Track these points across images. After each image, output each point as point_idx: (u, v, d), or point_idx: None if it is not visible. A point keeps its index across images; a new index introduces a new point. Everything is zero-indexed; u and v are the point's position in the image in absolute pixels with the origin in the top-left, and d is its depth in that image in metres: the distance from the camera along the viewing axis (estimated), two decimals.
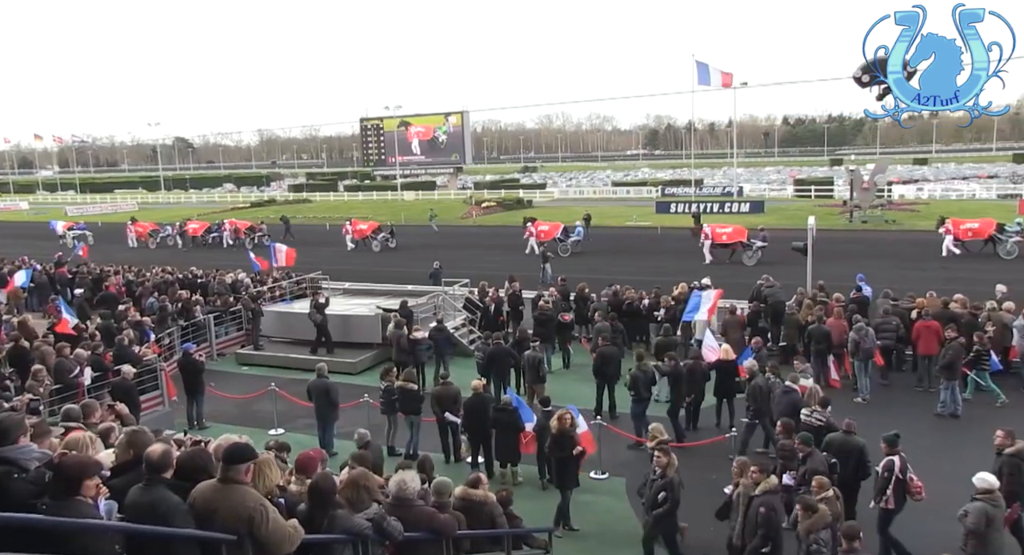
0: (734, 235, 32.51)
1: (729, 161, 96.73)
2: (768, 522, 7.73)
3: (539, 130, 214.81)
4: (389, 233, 41.23)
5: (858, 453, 9.43)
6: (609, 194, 74.90)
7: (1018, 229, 30.43)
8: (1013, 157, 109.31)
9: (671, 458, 8.76)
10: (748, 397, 12.38)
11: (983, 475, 8.03)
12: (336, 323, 19.04)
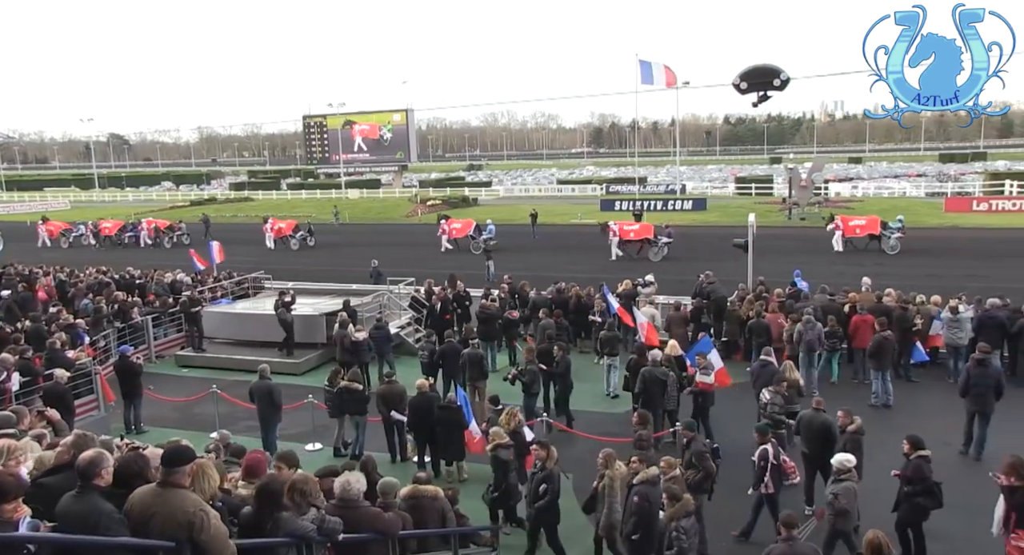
0: (641, 232, 33.46)
1: (672, 159, 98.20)
2: (641, 510, 7.97)
3: (484, 128, 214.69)
4: (308, 231, 41.34)
5: (827, 429, 9.95)
6: (554, 192, 75.33)
7: (900, 226, 32.20)
8: (939, 157, 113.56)
9: (550, 451, 8.98)
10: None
11: (842, 456, 8.61)
12: (274, 323, 18.73)
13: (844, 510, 8.34)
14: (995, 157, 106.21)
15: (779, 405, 11.21)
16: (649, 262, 30.53)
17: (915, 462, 8.74)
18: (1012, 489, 7.91)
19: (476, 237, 36.63)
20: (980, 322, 15.16)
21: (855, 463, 8.68)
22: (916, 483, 8.63)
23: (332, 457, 12.60)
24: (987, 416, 11.71)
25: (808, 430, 10.13)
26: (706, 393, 12.57)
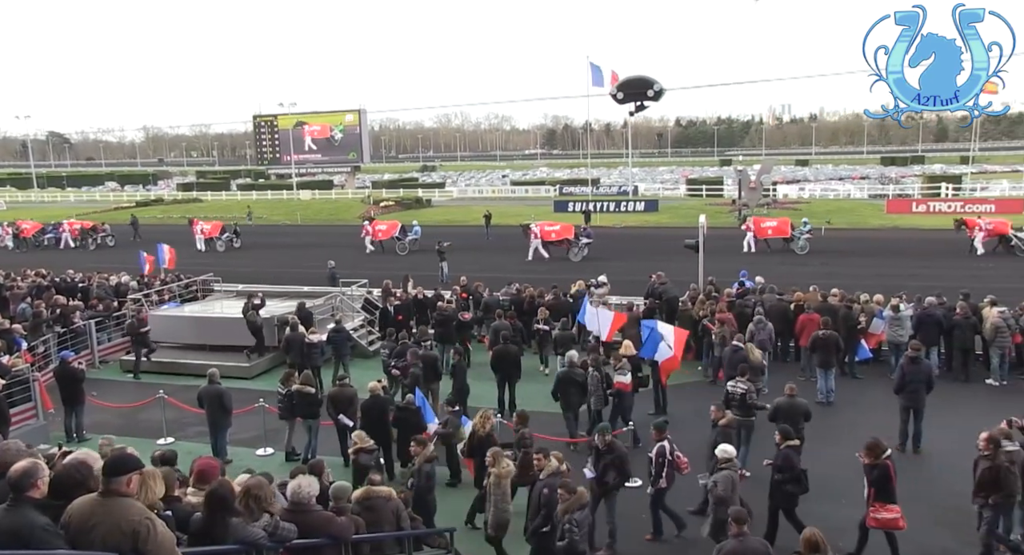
0: (562, 232, 33.89)
1: (625, 161, 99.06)
2: (549, 503, 8.15)
3: (438, 129, 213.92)
4: (233, 232, 41.06)
5: (803, 414, 10.81)
6: (508, 193, 75.36)
7: (808, 228, 33.38)
8: (881, 160, 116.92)
9: (425, 448, 9.19)
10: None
11: (724, 446, 9.00)
12: (230, 326, 18.40)
13: (722, 498, 8.61)
14: (932, 161, 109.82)
15: (754, 393, 11.67)
16: (600, 263, 30.68)
17: (784, 452, 9.25)
18: (871, 467, 8.75)
19: (401, 238, 36.86)
20: (919, 320, 15.63)
21: (735, 454, 9.04)
22: (785, 471, 9.10)
23: (284, 462, 12.43)
24: (920, 411, 12.10)
25: (786, 416, 10.71)
26: (623, 393, 12.65)
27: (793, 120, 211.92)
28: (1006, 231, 31.42)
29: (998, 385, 15.13)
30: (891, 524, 8.72)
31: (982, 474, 8.75)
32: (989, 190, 62.25)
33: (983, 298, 16.31)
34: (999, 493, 8.54)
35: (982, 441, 8.88)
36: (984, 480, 8.71)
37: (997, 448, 8.71)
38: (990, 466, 8.65)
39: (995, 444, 8.76)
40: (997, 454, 8.66)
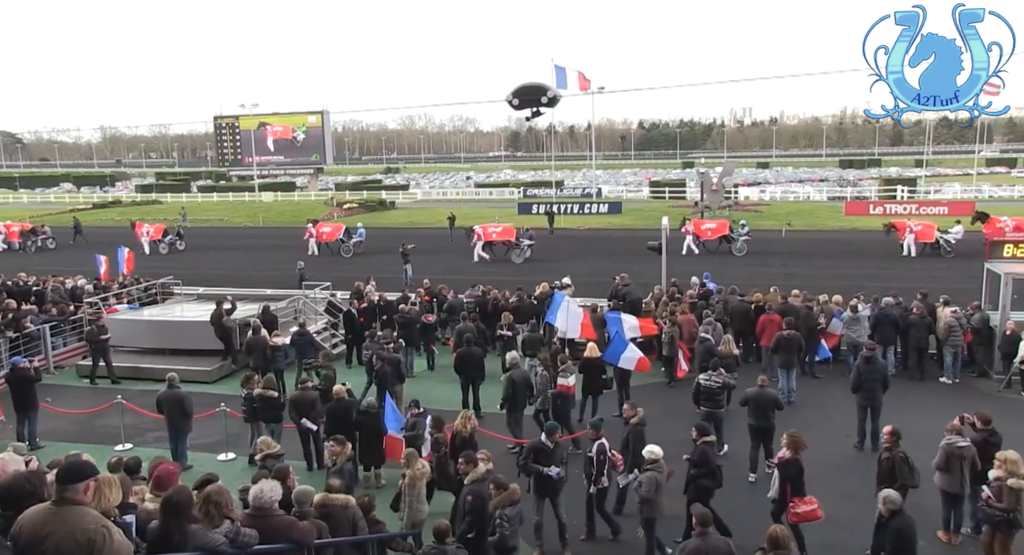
0: (503, 234, 34.09)
1: (589, 163, 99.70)
2: (474, 509, 8.20)
3: (402, 131, 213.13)
4: (176, 235, 40.68)
5: (773, 403, 11.36)
6: (472, 195, 75.37)
7: (746, 230, 33.93)
8: (839, 162, 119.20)
9: (344, 448, 9.29)
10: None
11: (651, 447, 9.06)
12: (193, 330, 18.10)
13: (647, 499, 8.75)
14: (888, 163, 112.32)
15: (732, 384, 12.37)
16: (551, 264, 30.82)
17: (700, 448, 9.42)
18: (786, 462, 9.01)
19: (345, 240, 36.91)
20: (876, 320, 15.95)
21: (662, 454, 9.10)
22: (701, 466, 9.29)
23: (247, 466, 12.26)
24: (877, 409, 12.34)
25: (756, 405, 11.25)
26: (565, 395, 12.67)
27: (754, 123, 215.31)
28: (931, 236, 32.39)
29: (951, 383, 15.50)
30: (811, 516, 8.94)
31: (881, 465, 9.14)
32: (942, 193, 63.91)
33: (938, 298, 16.71)
34: (895, 484, 8.81)
35: (885, 435, 9.24)
36: (882, 471, 9.08)
37: (898, 441, 9.13)
38: (888, 458, 9.03)
39: (896, 437, 9.18)
40: (895, 447, 9.05)
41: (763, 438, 11.36)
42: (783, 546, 6.90)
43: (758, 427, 11.34)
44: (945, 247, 31.97)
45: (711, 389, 11.95)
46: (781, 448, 9.37)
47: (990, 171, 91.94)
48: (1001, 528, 8.49)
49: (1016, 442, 10.48)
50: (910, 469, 8.93)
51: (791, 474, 9.01)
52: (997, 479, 8.54)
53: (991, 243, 17.82)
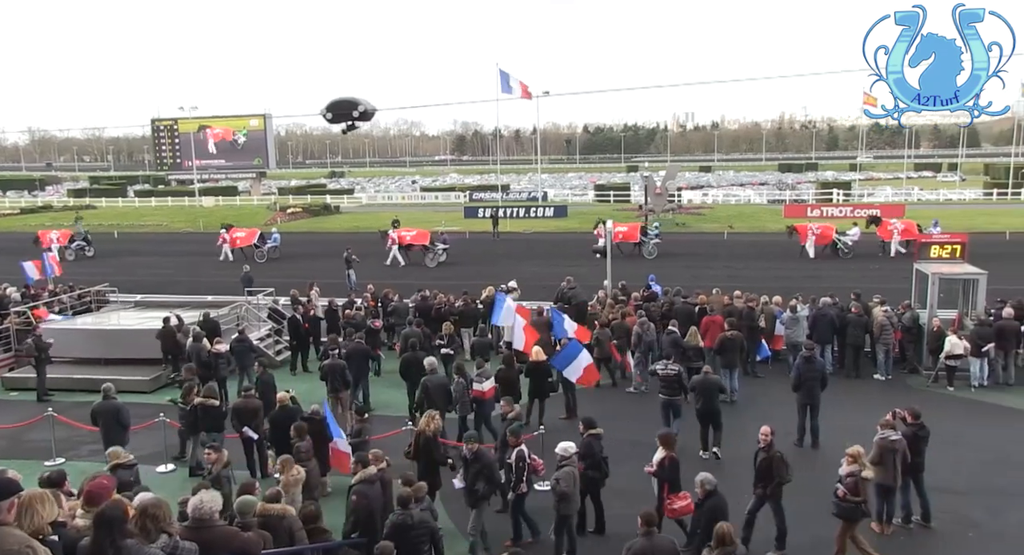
0: (418, 238, 34.21)
1: (534, 167, 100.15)
2: (357, 509, 8.31)
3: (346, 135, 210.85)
4: (84, 240, 39.74)
5: (717, 389, 12.41)
6: (418, 199, 75.08)
7: (657, 233, 34.60)
8: (779, 166, 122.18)
9: (220, 455, 9.27)
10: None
11: (564, 444, 9.23)
12: (130, 338, 17.58)
13: (564, 493, 8.88)
14: (825, 167, 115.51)
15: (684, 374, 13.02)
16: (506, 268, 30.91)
17: (587, 440, 9.71)
18: (662, 463, 9.30)
19: (260, 246, 36.68)
20: (815, 320, 16.38)
21: (575, 450, 9.27)
22: (587, 458, 9.54)
23: (188, 477, 11.97)
24: (816, 408, 12.66)
25: (702, 390, 12.14)
26: (482, 401, 12.70)
27: (696, 128, 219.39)
28: (830, 237, 33.49)
29: (884, 380, 16.01)
30: (687, 510, 9.20)
31: (759, 464, 9.36)
32: (875, 196, 66.08)
33: (872, 297, 17.25)
34: (772, 482, 9.17)
35: (762, 435, 9.45)
36: (760, 470, 9.32)
37: (773, 439, 9.39)
38: (766, 457, 9.27)
39: (773, 436, 9.43)
40: (772, 446, 9.29)
41: (711, 420, 12.23)
42: (729, 542, 7.03)
43: (705, 411, 12.21)
44: (842, 249, 33.16)
45: (668, 377, 12.67)
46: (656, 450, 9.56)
47: (918, 175, 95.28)
48: (856, 518, 8.93)
49: (942, 435, 10.94)
50: (786, 466, 9.25)
51: (668, 474, 9.28)
52: (850, 474, 8.89)
53: (920, 245, 18.43)
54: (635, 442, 12.62)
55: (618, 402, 15.28)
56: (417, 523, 7.72)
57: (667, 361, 13.11)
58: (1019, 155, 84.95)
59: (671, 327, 15.49)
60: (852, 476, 8.89)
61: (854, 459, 8.99)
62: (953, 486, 10.80)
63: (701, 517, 8.42)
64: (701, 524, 8.38)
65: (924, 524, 9.94)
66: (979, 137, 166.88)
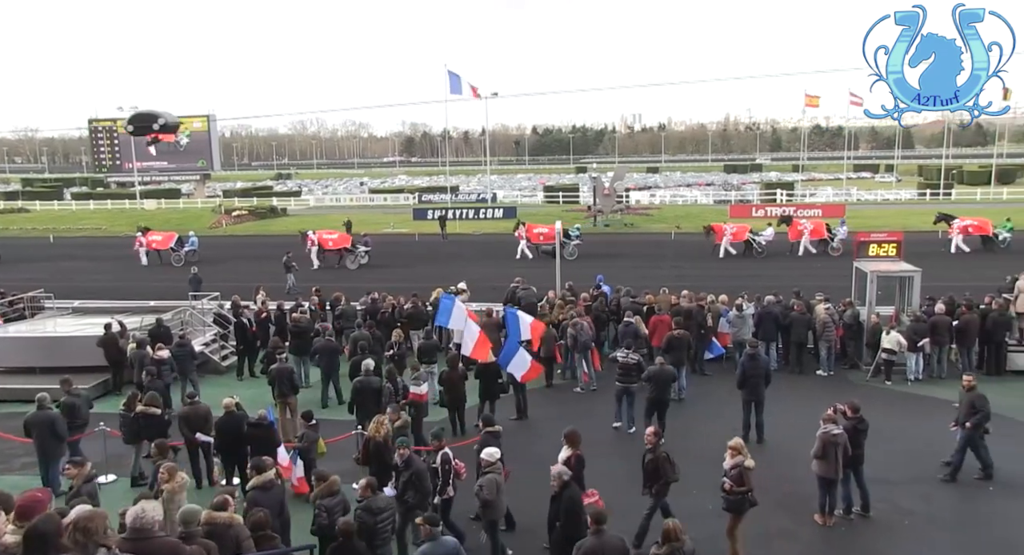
0: (339, 241, 34.05)
1: (483, 168, 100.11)
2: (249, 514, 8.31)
3: (293, 136, 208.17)
4: None
5: (672, 378, 13.09)
6: (367, 201, 74.47)
7: (578, 234, 34.87)
8: (724, 167, 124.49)
9: (83, 469, 8.95)
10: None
11: (489, 450, 9.26)
12: (67, 345, 17.03)
13: (487, 501, 8.89)
14: (768, 169, 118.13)
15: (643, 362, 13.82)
16: (455, 269, 30.85)
17: (484, 438, 9.93)
18: (567, 459, 9.36)
19: (177, 250, 36.30)
20: (760, 318, 16.73)
21: (499, 456, 9.29)
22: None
23: (129, 488, 11.66)
24: (761, 404, 12.93)
25: (657, 380, 12.73)
26: (418, 404, 12.72)
27: (644, 129, 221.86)
28: (744, 236, 34.38)
29: (826, 375, 16.43)
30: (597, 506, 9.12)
31: (647, 466, 9.43)
32: (817, 196, 67.77)
33: (814, 295, 17.67)
34: (659, 481, 9.30)
35: (648, 435, 9.57)
36: (648, 471, 9.41)
37: (659, 440, 9.48)
38: (652, 458, 9.36)
39: (658, 437, 9.54)
40: (658, 447, 9.38)
41: (660, 408, 12.88)
42: (676, 538, 7.12)
43: (657, 399, 12.85)
44: (756, 248, 34.07)
45: (627, 365, 13.40)
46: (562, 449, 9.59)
47: (857, 176, 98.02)
48: (742, 510, 9.06)
49: (881, 427, 11.29)
50: (671, 465, 9.36)
51: (575, 473, 9.22)
52: (735, 466, 9.02)
53: (859, 243, 18.94)
54: (584, 441, 12.74)
55: (567, 402, 15.39)
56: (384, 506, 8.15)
57: (627, 350, 13.85)
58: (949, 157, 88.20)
59: (627, 318, 16.00)
60: (736, 468, 9.02)
61: (736, 451, 9.11)
62: (890, 476, 11.14)
63: (559, 509, 8.45)
64: (560, 516, 8.41)
65: (864, 514, 10.24)
66: (913, 139, 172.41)
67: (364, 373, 12.73)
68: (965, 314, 16.15)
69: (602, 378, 15.86)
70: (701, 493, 10.29)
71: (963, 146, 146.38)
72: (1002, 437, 11.88)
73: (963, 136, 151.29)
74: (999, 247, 33.85)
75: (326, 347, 15.73)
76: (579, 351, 15.95)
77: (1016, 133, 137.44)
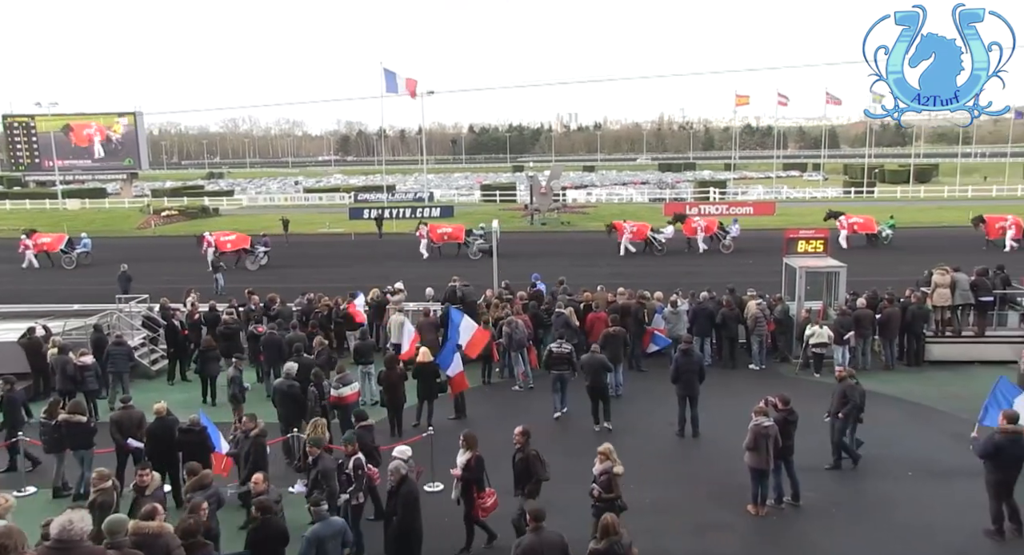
0: (237, 242, 33.43)
1: (420, 167, 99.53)
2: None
3: (225, 134, 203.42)
4: None
5: (602, 366, 13.40)
6: (302, 200, 73.28)
7: (483, 233, 34.82)
8: (659, 166, 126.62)
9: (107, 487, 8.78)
10: None
11: (400, 447, 9.20)
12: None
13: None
14: (701, 167, 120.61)
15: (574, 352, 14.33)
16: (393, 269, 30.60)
17: (359, 432, 10.10)
18: (466, 464, 9.32)
19: (68, 251, 35.15)
20: (694, 314, 17.04)
21: (410, 454, 9.16)
22: (362, 449, 9.82)
23: (52, 499, 11.22)
24: (695, 398, 13.17)
25: (589, 367, 13.34)
26: (341, 406, 12.63)
27: (580, 128, 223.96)
28: (645, 234, 35.16)
29: (758, 369, 16.85)
30: (495, 507, 9.44)
31: (517, 465, 9.33)
32: (748, 194, 69.53)
33: (746, 291, 18.10)
34: (531, 479, 9.18)
35: (516, 435, 9.42)
36: (519, 470, 9.30)
37: (527, 439, 9.38)
38: (523, 457, 9.29)
39: (526, 436, 9.39)
40: (527, 446, 9.30)
41: (599, 395, 13.39)
42: (614, 532, 7.20)
43: (593, 386, 13.36)
44: (656, 246, 34.88)
45: (560, 355, 13.97)
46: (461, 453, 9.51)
47: (787, 174, 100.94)
48: None
49: (810, 418, 11.66)
50: (542, 463, 9.29)
51: (475, 474, 9.29)
52: (604, 473, 8.83)
53: (787, 240, 19.47)
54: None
55: (505, 400, 15.43)
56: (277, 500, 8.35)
57: (561, 340, 14.38)
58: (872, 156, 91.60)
59: (559, 309, 16.54)
60: (605, 474, 8.85)
61: (605, 457, 8.94)
62: (819, 465, 11.50)
63: (396, 504, 8.44)
64: (397, 510, 8.42)
65: (794, 503, 10.55)
66: (838, 139, 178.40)
67: (285, 376, 12.52)
68: (887, 308, 16.78)
69: (540, 377, 15.96)
70: (639, 487, 10.45)
71: (884, 146, 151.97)
72: (921, 425, 12.40)
73: (884, 136, 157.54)
74: (882, 243, 35.39)
75: (270, 341, 15.58)
76: (515, 349, 16.02)
77: (931, 134, 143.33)
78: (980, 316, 17.38)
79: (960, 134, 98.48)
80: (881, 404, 13.87)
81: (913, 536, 9.76)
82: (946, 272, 17.39)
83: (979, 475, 9.74)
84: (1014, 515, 9.54)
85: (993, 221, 34.58)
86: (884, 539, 9.71)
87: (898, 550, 9.49)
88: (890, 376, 16.32)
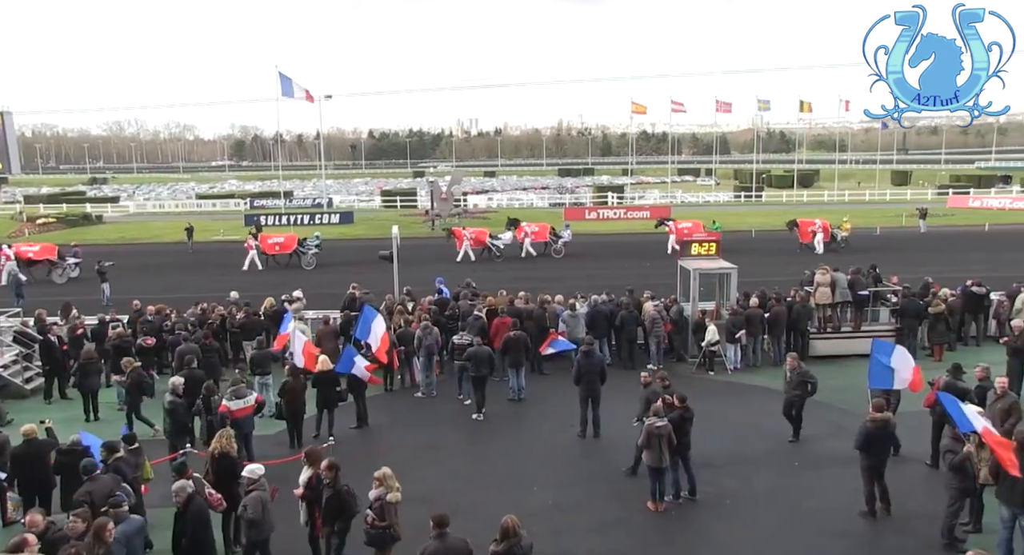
0: (42, 253, 31.27)
1: (318, 173, 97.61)
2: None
3: (108, 137, 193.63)
4: None
5: (488, 358, 14.48)
6: (194, 207, 70.55)
7: (317, 243, 34.63)
8: (559, 171, 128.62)
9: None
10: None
11: (252, 467, 8.89)
12: None
13: (253, 520, 8.46)
14: (600, 172, 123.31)
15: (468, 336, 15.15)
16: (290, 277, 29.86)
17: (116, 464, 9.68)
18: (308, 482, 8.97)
19: None
20: (591, 316, 17.32)
21: (263, 472, 8.84)
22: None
23: None
24: (596, 399, 13.38)
25: (475, 358, 14.32)
26: (237, 420, 12.02)
27: (480, 134, 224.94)
28: (484, 240, 35.30)
29: (656, 369, 17.21)
30: None
31: (328, 501, 8.69)
32: (645, 198, 71.51)
33: (643, 293, 18.54)
34: (342, 517, 8.68)
35: (324, 470, 8.69)
36: (332, 507, 8.66)
37: (337, 474, 8.63)
38: (332, 493, 8.64)
39: (335, 471, 8.63)
40: (336, 481, 8.60)
41: (481, 386, 14.38)
42: (514, 534, 7.21)
43: (478, 377, 14.36)
44: (495, 251, 35.14)
45: (462, 346, 14.93)
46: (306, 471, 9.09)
47: (681, 179, 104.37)
48: (386, 545, 8.46)
49: (705, 414, 12.03)
50: (353, 498, 8.69)
51: (316, 494, 8.91)
52: (377, 499, 8.40)
53: (683, 243, 20.07)
54: (428, 446, 12.74)
55: (408, 408, 15.30)
56: None
57: (463, 332, 15.48)
58: (759, 162, 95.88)
59: (477, 312, 16.80)
60: (378, 501, 8.41)
61: (380, 482, 8.44)
62: (714, 460, 11.88)
63: (186, 524, 8.25)
64: (188, 529, 8.22)
65: (691, 498, 10.87)
66: (729, 145, 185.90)
67: (171, 391, 12.02)
68: (775, 306, 17.55)
69: (443, 385, 15.93)
70: (542, 490, 10.54)
71: (771, 152, 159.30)
72: (804, 417, 12.97)
73: (770, 143, 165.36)
74: (840, 246, 36.81)
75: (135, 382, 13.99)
76: (424, 355, 15.82)
77: (812, 141, 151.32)
78: (857, 312, 18.43)
79: (837, 142, 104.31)
80: (771, 399, 14.46)
81: (799, 521, 10.27)
82: (827, 272, 18.35)
83: (855, 462, 10.39)
84: (884, 496, 10.24)
85: (805, 225, 36.49)
86: (774, 526, 10.16)
87: (787, 535, 9.94)
88: (778, 372, 17.00)
